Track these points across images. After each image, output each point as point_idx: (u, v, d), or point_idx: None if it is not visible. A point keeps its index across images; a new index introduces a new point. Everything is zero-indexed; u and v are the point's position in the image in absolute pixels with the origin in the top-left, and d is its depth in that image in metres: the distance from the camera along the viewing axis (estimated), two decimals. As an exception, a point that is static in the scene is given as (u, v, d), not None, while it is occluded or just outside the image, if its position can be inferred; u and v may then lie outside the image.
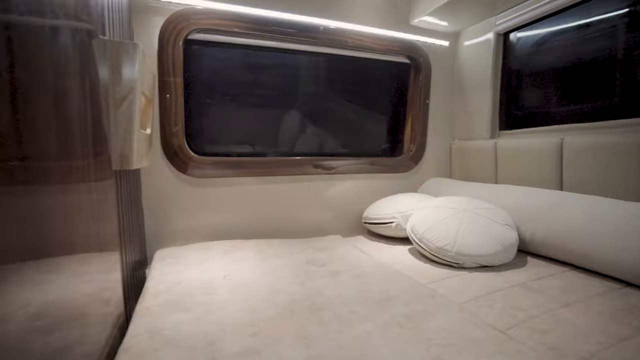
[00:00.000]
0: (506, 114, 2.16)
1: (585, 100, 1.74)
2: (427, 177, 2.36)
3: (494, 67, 2.12)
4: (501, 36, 2.11)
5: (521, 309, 1.03)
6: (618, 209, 1.27)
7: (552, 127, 1.83)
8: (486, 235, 1.38)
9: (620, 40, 1.62)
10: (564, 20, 1.83)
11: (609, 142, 1.50)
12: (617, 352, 0.82)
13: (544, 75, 1.94)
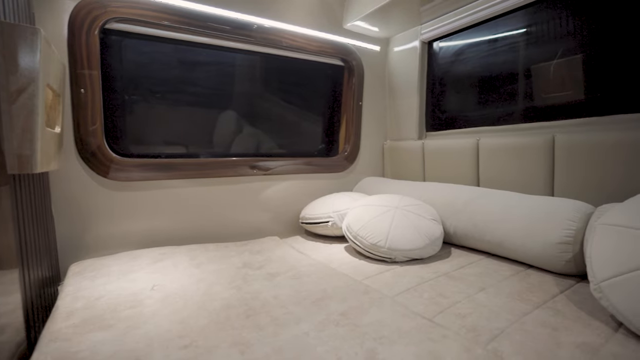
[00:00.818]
0: (432, 117, 2.33)
1: (496, 106, 1.96)
2: (361, 177, 2.45)
3: (420, 72, 2.27)
4: (426, 44, 2.28)
5: (446, 297, 1.12)
6: (525, 202, 1.45)
7: (470, 129, 2.02)
8: (415, 230, 1.48)
9: (522, 54, 1.85)
10: (478, 34, 2.03)
11: (517, 143, 1.70)
12: (520, 325, 0.93)
13: (462, 82, 2.14)
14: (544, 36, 1.73)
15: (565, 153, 1.51)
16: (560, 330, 0.91)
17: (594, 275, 0.96)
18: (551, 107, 1.70)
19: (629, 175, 1.32)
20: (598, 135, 1.41)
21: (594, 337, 0.88)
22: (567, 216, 1.25)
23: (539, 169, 1.61)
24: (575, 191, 1.49)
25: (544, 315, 0.99)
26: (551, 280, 1.24)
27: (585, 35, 1.58)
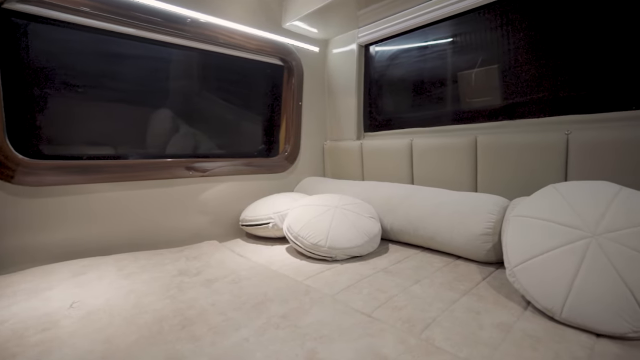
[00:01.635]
0: (369, 118, 2.42)
1: (427, 109, 2.09)
2: (302, 177, 2.46)
3: (357, 75, 2.35)
4: (363, 48, 2.36)
5: (384, 291, 1.17)
6: (452, 198, 1.56)
7: (404, 130, 2.14)
8: (355, 228, 1.52)
9: (449, 61, 2.00)
10: (411, 41, 2.16)
11: (446, 143, 1.83)
12: (450, 313, 1.00)
13: (397, 85, 2.25)
14: (467, 46, 1.89)
15: (485, 152, 1.66)
16: (482, 313, 1.00)
17: (509, 262, 1.07)
18: (474, 110, 1.87)
19: (537, 171, 1.50)
20: (512, 136, 1.58)
21: (509, 316, 0.98)
22: (487, 210, 1.39)
23: (464, 167, 1.75)
24: (494, 186, 1.65)
25: (470, 301, 1.08)
26: (475, 269, 1.36)
27: (500, 48, 1.75)
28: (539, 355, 0.80)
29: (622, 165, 1.29)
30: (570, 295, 0.90)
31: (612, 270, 0.87)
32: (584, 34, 1.50)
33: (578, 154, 1.38)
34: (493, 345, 0.84)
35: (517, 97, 1.71)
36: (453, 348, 0.84)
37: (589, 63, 1.49)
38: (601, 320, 0.86)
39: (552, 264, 0.96)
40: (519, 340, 0.86)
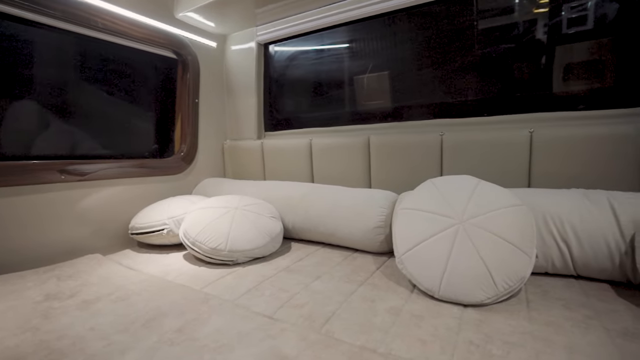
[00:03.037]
0: (270, 117, 2.41)
1: (326, 109, 2.18)
2: (201, 178, 2.32)
3: (257, 73, 2.31)
4: (262, 46, 2.33)
5: (286, 291, 1.17)
6: (349, 194, 1.66)
7: (304, 130, 2.19)
8: (256, 229, 1.49)
9: (346, 65, 2.12)
10: (309, 43, 2.22)
11: (343, 142, 1.93)
12: (348, 304, 1.06)
13: (296, 85, 2.29)
14: (361, 52, 2.03)
15: (377, 151, 1.81)
16: (377, 301, 1.08)
17: (398, 251, 1.18)
18: (368, 112, 2.02)
19: (420, 167, 1.70)
20: (399, 136, 1.75)
21: (399, 300, 1.08)
22: (380, 204, 1.51)
23: (359, 164, 1.88)
24: (386, 182, 1.81)
25: (365, 291, 1.16)
26: (371, 260, 1.47)
27: (390, 56, 1.93)
28: (422, 332, 0.90)
29: (481, 161, 1.55)
30: (445, 276, 1.04)
31: (474, 250, 1.04)
32: (456, 50, 1.75)
33: (450, 152, 1.61)
34: (385, 329, 0.92)
35: (404, 101, 1.91)
36: (351, 338, 0.89)
37: (461, 75, 1.75)
38: (467, 293, 1.01)
39: (430, 249, 1.09)
40: (406, 320, 0.96)
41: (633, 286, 1.11)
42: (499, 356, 0.80)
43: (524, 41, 1.63)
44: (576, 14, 1.53)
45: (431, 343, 0.85)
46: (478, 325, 0.92)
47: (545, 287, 1.14)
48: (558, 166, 1.42)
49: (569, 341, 0.84)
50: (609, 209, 1.12)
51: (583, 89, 1.51)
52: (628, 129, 1.31)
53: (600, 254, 1.10)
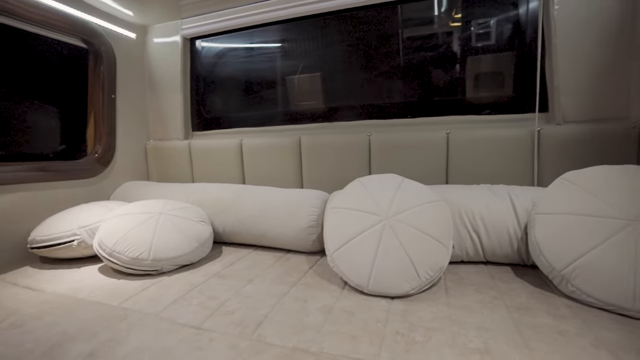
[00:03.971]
0: (198, 116, 2.29)
1: (256, 109, 2.14)
2: (121, 182, 2.12)
3: (183, 69, 2.18)
4: (188, 41, 2.20)
5: (216, 298, 1.12)
6: (281, 195, 1.65)
7: (234, 130, 2.13)
8: (183, 235, 1.40)
9: (278, 65, 2.10)
10: (239, 40, 2.15)
11: (274, 142, 1.91)
12: (281, 306, 1.05)
13: (226, 84, 2.21)
14: (294, 52, 2.03)
15: (308, 151, 1.83)
16: (309, 300, 1.09)
17: (328, 249, 1.20)
18: (299, 113, 2.03)
19: (350, 167, 1.75)
20: (330, 137, 1.79)
21: (330, 298, 1.10)
22: (311, 204, 1.52)
23: (291, 165, 1.88)
24: (317, 182, 1.83)
25: (298, 291, 1.16)
26: (304, 259, 1.48)
27: (321, 57, 1.96)
28: (353, 327, 0.93)
29: (405, 160, 1.66)
30: (373, 271, 1.09)
31: (399, 245, 1.10)
32: (383, 55, 1.84)
33: (377, 151, 1.70)
34: (317, 328, 0.93)
35: (334, 102, 1.95)
36: (283, 340, 0.88)
37: (387, 79, 1.84)
38: (393, 286, 1.07)
39: (359, 246, 1.13)
40: (337, 317, 0.98)
41: (527, 267, 1.28)
42: (421, 342, 0.85)
43: (442, 51, 1.78)
44: (482, 30, 1.72)
45: (361, 337, 0.88)
46: (404, 315, 0.98)
47: (461, 274, 1.25)
48: (470, 164, 1.58)
49: (479, 320, 0.93)
50: (509, 201, 1.28)
51: (489, 96, 1.70)
52: (523, 132, 1.51)
53: (503, 241, 1.25)
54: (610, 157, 1.39)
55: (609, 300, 0.95)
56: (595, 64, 1.43)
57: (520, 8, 1.64)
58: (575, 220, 1.05)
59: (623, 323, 0.91)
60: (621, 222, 1.00)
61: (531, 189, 1.34)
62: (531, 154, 1.50)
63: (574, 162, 1.43)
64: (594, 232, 1.02)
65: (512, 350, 0.81)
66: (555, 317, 0.95)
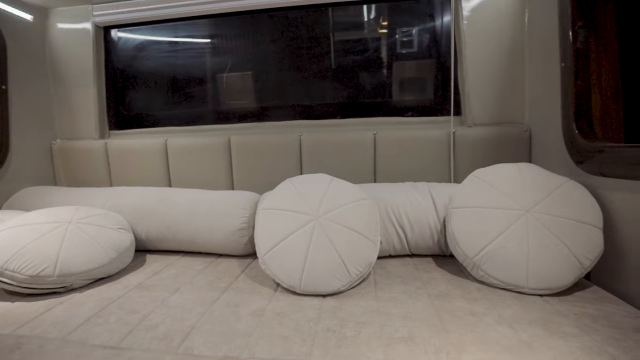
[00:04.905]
0: (116, 114, 2.08)
1: (184, 107, 2.02)
2: (17, 187, 1.83)
3: (96, 61, 1.96)
4: (101, 29, 1.98)
5: (137, 312, 1.03)
6: (209, 197, 1.57)
7: (158, 129, 1.98)
8: (98, 245, 1.27)
9: (208, 61, 2.00)
10: (163, 33, 2.00)
11: (202, 143, 1.82)
12: (210, 314, 1.00)
13: (149, 79, 2.04)
14: (224, 49, 1.95)
15: (239, 151, 1.78)
16: (240, 305, 1.06)
17: (260, 252, 1.18)
18: (230, 112, 1.96)
19: (281, 167, 1.74)
20: (261, 137, 1.76)
21: (263, 301, 1.08)
22: (242, 206, 1.48)
23: (220, 166, 1.81)
24: (248, 183, 1.79)
25: (229, 296, 1.12)
26: (235, 263, 1.43)
27: (253, 56, 1.91)
28: (285, 328, 0.93)
29: (335, 160, 1.70)
30: (305, 271, 1.10)
31: (329, 243, 1.12)
32: (315, 56, 1.85)
33: (308, 151, 1.71)
34: (248, 333, 0.90)
35: (265, 102, 1.93)
36: (212, 350, 0.84)
37: (318, 80, 1.86)
38: (325, 284, 1.09)
39: (290, 247, 1.13)
40: (269, 320, 0.97)
41: (446, 257, 1.40)
42: (351, 337, 0.88)
43: (370, 55, 1.86)
44: (406, 38, 1.84)
45: (293, 338, 0.88)
46: (335, 312, 1.00)
47: (389, 268, 1.32)
48: (395, 163, 1.68)
49: (404, 310, 1.00)
50: (430, 197, 1.39)
51: (412, 100, 1.83)
52: (441, 133, 1.65)
53: (425, 234, 1.35)
54: (510, 156, 1.59)
55: (509, 280, 1.08)
56: (497, 75, 1.61)
57: (436, 21, 1.79)
58: (484, 212, 1.18)
59: (519, 299, 1.04)
60: (518, 212, 1.14)
61: (448, 185, 1.47)
62: (448, 153, 1.64)
63: (483, 160, 1.61)
64: (498, 222, 1.15)
65: (433, 335, 0.87)
66: (469, 300, 1.05)
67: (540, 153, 1.52)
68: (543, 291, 1.05)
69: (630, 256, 1.05)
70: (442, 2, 1.76)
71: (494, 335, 0.86)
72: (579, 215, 1.10)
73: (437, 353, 0.80)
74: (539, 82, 1.50)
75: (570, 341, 0.83)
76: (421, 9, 1.82)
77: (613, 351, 0.79)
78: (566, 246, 1.06)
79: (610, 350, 0.79)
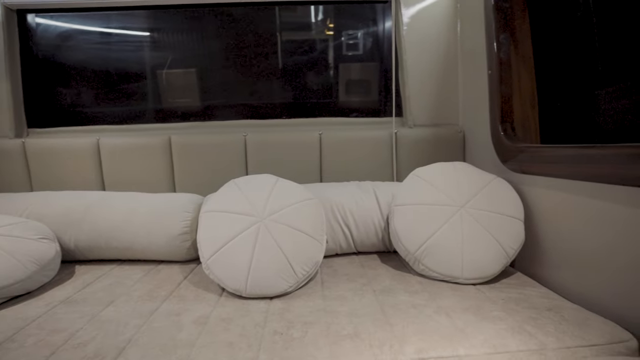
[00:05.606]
0: (36, 110, 1.86)
1: (118, 104, 1.87)
2: None
3: (8, 49, 1.73)
4: (14, 13, 1.76)
5: (62, 331, 0.93)
6: (148, 200, 1.47)
7: (89, 127, 1.81)
8: (13, 258, 1.12)
9: (146, 56, 1.87)
10: (90, 22, 1.83)
11: (140, 142, 1.70)
12: (149, 325, 0.94)
13: (77, 72, 1.86)
14: (165, 44, 1.84)
15: (181, 152, 1.69)
16: (183, 314, 1.00)
17: (203, 256, 1.13)
18: (170, 110, 1.86)
19: (226, 168, 1.69)
20: (204, 136, 1.69)
21: (207, 307, 1.04)
22: (184, 209, 1.41)
23: (161, 167, 1.71)
24: (191, 185, 1.71)
25: (171, 305, 1.06)
26: (178, 269, 1.36)
27: (195, 52, 1.83)
28: (230, 334, 0.90)
29: (281, 160, 1.69)
30: (250, 273, 1.07)
31: (275, 244, 1.11)
32: (261, 55, 1.82)
33: (253, 152, 1.68)
34: (191, 343, 0.86)
35: (209, 100, 1.85)
36: (149, 364, 0.79)
37: (264, 79, 1.83)
38: (271, 285, 1.08)
39: (235, 249, 1.10)
40: (214, 327, 0.93)
41: (390, 253, 1.46)
42: (298, 338, 0.88)
43: (317, 56, 1.87)
44: (352, 41, 1.88)
45: (239, 343, 0.86)
46: (282, 314, 0.99)
47: (335, 266, 1.34)
48: (341, 163, 1.71)
49: (350, 308, 1.02)
50: (373, 196, 1.44)
51: (357, 101, 1.88)
52: (384, 134, 1.71)
53: (370, 232, 1.39)
54: (447, 155, 1.70)
55: (446, 272, 1.15)
56: (435, 80, 1.72)
57: (380, 26, 1.86)
58: (423, 209, 1.25)
59: (455, 289, 1.12)
60: (454, 208, 1.23)
61: (391, 184, 1.54)
62: (391, 153, 1.71)
63: (423, 159, 1.70)
64: (437, 218, 1.22)
65: (378, 329, 0.90)
66: (411, 293, 1.10)
67: (473, 152, 1.65)
68: (476, 280, 1.14)
69: (545, 244, 1.17)
70: (384, 8, 1.83)
71: (432, 324, 0.91)
72: (505, 209, 1.20)
73: (381, 346, 0.83)
74: (470, 87, 1.63)
75: (498, 324, 0.91)
76: (366, 14, 1.88)
77: (530, 329, 0.88)
78: (494, 238, 1.16)
79: (528, 328, 0.88)
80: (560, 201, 1.10)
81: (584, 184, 1.00)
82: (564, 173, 1.06)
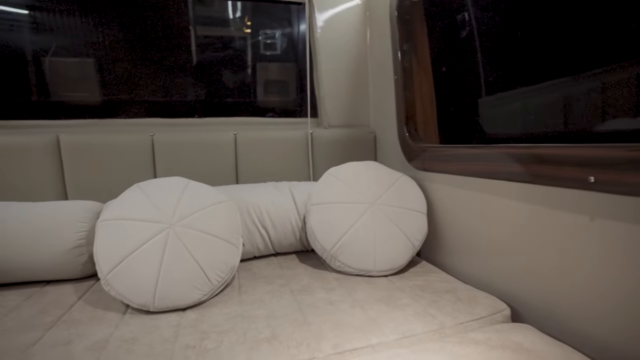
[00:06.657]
0: None
1: None
2: None
3: None
4: None
5: None
6: (31, 211, 1.24)
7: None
8: None
9: (25, 38, 1.57)
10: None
11: (18, 142, 1.43)
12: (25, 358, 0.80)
13: None
14: (48, 27, 1.57)
15: (72, 154, 1.47)
16: (74, 341, 0.87)
17: (101, 271, 1.00)
18: (60, 105, 1.61)
19: (130, 171, 1.52)
20: (103, 136, 1.50)
21: (106, 329, 0.92)
22: (78, 218, 1.23)
23: (46, 171, 1.46)
24: (88, 191, 1.50)
25: (56, 334, 0.91)
26: (70, 289, 1.18)
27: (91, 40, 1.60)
28: (135, 356, 0.81)
29: (193, 162, 1.59)
30: (159, 285, 0.98)
31: (186, 252, 1.04)
32: (172, 49, 1.68)
33: (162, 153, 1.55)
34: (83, 372, 0.75)
35: (109, 96, 1.65)
36: (28, 405, 0.66)
37: (175, 75, 1.69)
38: (183, 296, 1.00)
39: (140, 261, 1.00)
40: (115, 351, 0.83)
41: (308, 252, 1.48)
42: (213, 349, 0.83)
43: (233, 54, 1.80)
44: (269, 40, 1.86)
45: (144, 364, 0.78)
46: (195, 326, 0.93)
47: (254, 269, 1.31)
48: (257, 163, 1.68)
49: (268, 311, 1.00)
50: (290, 196, 1.44)
51: (273, 101, 1.86)
52: (300, 134, 1.73)
53: (288, 232, 1.39)
54: (360, 155, 1.79)
55: (360, 267, 1.21)
56: (348, 82, 1.79)
57: (295, 27, 1.87)
58: (337, 207, 1.29)
59: (369, 282, 1.18)
60: (366, 206, 1.29)
61: (308, 183, 1.56)
62: (307, 153, 1.74)
63: (337, 159, 1.76)
64: (350, 215, 1.27)
65: (295, 330, 0.90)
66: (328, 290, 1.13)
67: (383, 152, 1.77)
68: (387, 272, 1.22)
69: (444, 234, 1.31)
70: (298, 10, 1.85)
71: (348, 319, 0.95)
72: (410, 204, 1.31)
73: (298, 346, 0.83)
74: (380, 91, 1.74)
75: (406, 310, 0.98)
76: (283, 15, 1.87)
77: (433, 311, 0.97)
78: (402, 231, 1.26)
79: (431, 311, 0.97)
80: (454, 195, 1.25)
81: (473, 179, 1.15)
82: (457, 170, 1.20)
